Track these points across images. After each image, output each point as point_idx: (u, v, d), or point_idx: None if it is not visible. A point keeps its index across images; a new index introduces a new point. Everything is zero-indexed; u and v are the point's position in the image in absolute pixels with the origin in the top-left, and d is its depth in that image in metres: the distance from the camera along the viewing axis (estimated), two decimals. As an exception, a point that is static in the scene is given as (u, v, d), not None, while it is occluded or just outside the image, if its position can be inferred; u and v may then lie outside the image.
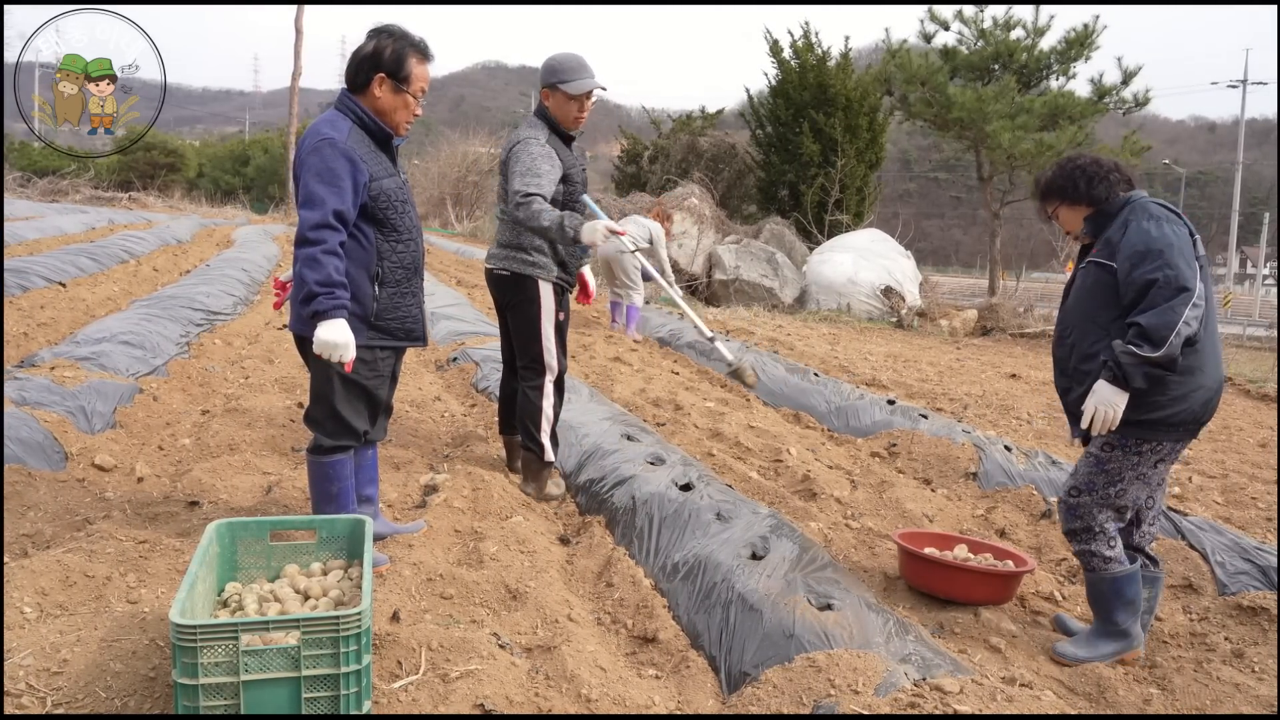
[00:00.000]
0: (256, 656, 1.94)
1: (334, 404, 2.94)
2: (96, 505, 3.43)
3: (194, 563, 2.21)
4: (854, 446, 5.51)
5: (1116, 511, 2.91)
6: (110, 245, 11.14)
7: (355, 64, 2.90)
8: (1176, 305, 2.60)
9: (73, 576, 2.64)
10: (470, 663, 2.32)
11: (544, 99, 3.92)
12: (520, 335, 4.04)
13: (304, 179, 2.76)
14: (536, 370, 4.03)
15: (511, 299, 4.01)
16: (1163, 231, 2.69)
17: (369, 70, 2.87)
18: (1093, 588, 2.95)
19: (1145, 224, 2.73)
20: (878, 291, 14.72)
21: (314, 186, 2.74)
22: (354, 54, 2.91)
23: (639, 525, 3.55)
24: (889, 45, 17.93)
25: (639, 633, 2.86)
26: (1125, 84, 16.81)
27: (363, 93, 2.89)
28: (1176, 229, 2.71)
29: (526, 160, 3.79)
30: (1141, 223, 2.74)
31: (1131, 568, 2.90)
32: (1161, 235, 2.68)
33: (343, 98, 2.92)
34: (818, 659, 2.41)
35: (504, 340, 4.25)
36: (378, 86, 2.88)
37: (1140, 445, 2.83)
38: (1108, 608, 2.92)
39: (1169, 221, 2.73)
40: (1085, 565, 2.96)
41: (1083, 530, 2.92)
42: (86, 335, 5.77)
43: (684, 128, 22.04)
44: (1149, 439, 2.82)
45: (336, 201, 2.73)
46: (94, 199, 23.64)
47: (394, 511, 3.69)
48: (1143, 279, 2.66)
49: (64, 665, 2.16)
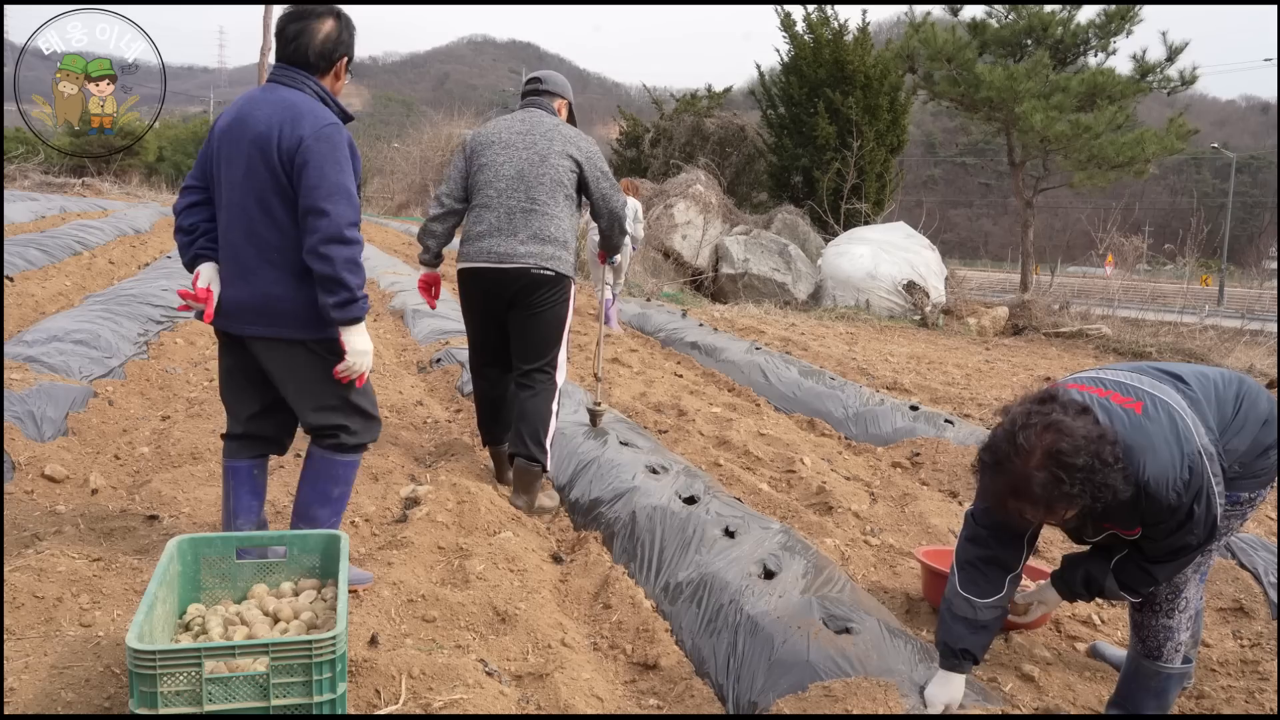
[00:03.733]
0: (221, 685, 1.94)
1: (354, 399, 2.98)
2: (46, 520, 3.43)
3: (153, 582, 2.21)
4: (873, 456, 5.52)
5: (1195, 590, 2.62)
6: (62, 235, 11.14)
7: (321, 45, 2.88)
8: (1194, 554, 2.44)
9: (20, 598, 2.64)
10: (455, 691, 2.32)
11: (559, 108, 4.27)
12: (544, 337, 4.08)
13: (321, 169, 2.73)
14: (550, 372, 4.12)
15: (542, 299, 4.01)
16: (1191, 493, 2.30)
17: (340, 53, 2.91)
18: (1137, 676, 2.66)
19: (1171, 501, 2.29)
20: (899, 287, 14.73)
21: (341, 179, 2.75)
22: (310, 32, 2.86)
23: (639, 542, 3.56)
24: (912, 18, 17.95)
25: (639, 659, 2.86)
26: (1170, 61, 16.82)
27: (324, 75, 2.92)
28: (1194, 473, 2.29)
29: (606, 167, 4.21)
30: (1168, 502, 2.29)
31: (1188, 667, 2.70)
32: (1186, 501, 2.30)
33: (301, 78, 2.88)
34: (834, 688, 2.41)
35: (490, 341, 4.21)
36: (342, 70, 2.95)
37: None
38: (1140, 705, 2.65)
39: (1176, 465, 2.29)
40: (1145, 646, 2.63)
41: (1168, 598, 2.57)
42: (36, 334, 5.77)
43: (688, 108, 22.07)
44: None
45: (356, 197, 2.81)
46: (44, 185, 23.65)
47: (372, 527, 3.69)
48: (1174, 547, 2.38)
49: (11, 694, 2.16)
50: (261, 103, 2.84)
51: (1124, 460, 2.21)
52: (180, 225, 2.95)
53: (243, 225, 2.82)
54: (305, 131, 2.74)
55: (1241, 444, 2.42)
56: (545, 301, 4.01)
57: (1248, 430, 2.44)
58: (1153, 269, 27.11)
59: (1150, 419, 2.31)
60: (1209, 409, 2.40)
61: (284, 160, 2.75)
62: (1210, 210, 37.38)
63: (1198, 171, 62.35)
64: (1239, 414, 2.44)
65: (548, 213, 3.99)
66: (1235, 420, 2.43)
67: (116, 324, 6.43)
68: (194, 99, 71.38)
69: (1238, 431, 2.42)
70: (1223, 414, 2.42)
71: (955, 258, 28.85)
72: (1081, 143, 16.23)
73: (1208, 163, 58.75)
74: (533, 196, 3.97)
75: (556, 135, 4.07)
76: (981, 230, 64.81)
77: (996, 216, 65.17)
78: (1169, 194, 57.13)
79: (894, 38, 19.44)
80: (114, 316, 6.63)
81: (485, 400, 4.32)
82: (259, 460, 3.05)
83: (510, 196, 3.98)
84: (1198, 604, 2.68)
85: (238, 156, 2.81)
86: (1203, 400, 2.41)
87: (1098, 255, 19.61)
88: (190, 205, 2.95)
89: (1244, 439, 2.43)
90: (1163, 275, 29.84)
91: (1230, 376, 2.55)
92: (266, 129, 2.77)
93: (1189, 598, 2.59)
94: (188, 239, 2.94)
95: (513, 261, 3.94)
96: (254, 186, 2.79)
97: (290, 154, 2.74)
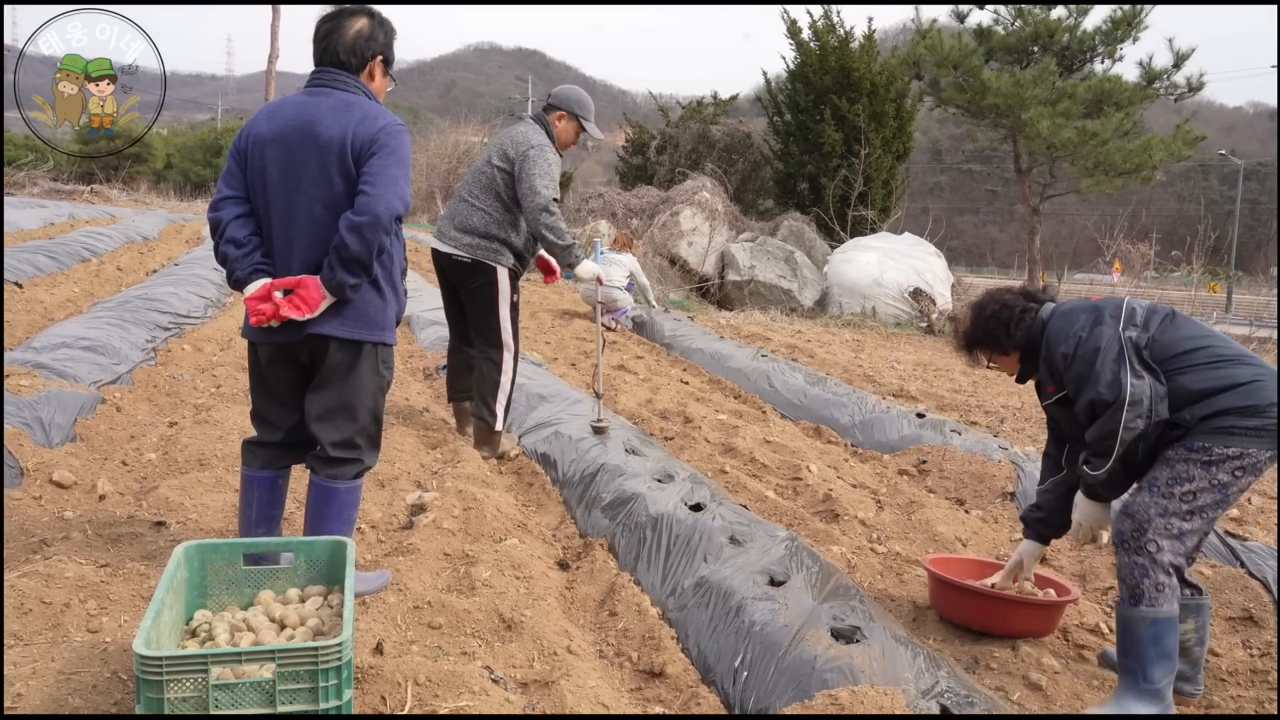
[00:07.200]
0: (228, 691, 1.95)
1: (380, 418, 3.00)
2: (54, 526, 3.44)
3: (160, 588, 2.21)
4: (880, 463, 5.51)
5: (1179, 533, 2.76)
6: (70, 242, 11.18)
7: (352, 41, 2.89)
8: (1113, 414, 2.78)
9: (28, 603, 2.64)
10: (460, 699, 2.32)
11: (556, 119, 4.81)
12: (478, 316, 4.77)
13: (386, 161, 2.75)
14: (495, 345, 4.76)
15: (469, 283, 4.72)
16: (1085, 349, 2.86)
17: (373, 50, 2.93)
18: (1127, 628, 2.77)
19: (1065, 349, 2.91)
20: (905, 294, 14.71)
21: (400, 174, 2.77)
22: (341, 30, 2.89)
23: (645, 549, 3.55)
24: (918, 25, 17.98)
25: (645, 666, 2.86)
26: (1177, 67, 16.83)
27: (358, 74, 2.92)
28: (1093, 333, 2.87)
29: (546, 167, 4.55)
30: (1061, 351, 2.92)
31: (1175, 611, 2.77)
32: (1084, 355, 2.85)
33: (343, 78, 2.88)
34: (841, 696, 2.40)
35: (451, 313, 5.00)
36: (377, 70, 2.96)
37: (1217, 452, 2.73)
38: (1142, 658, 2.72)
39: (1084, 329, 2.90)
40: (1128, 589, 2.79)
41: (1133, 534, 2.78)
42: (44, 340, 5.80)
43: (694, 115, 22.09)
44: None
45: (408, 196, 2.84)
46: (53, 192, 23.71)
47: (378, 533, 3.69)
48: (1085, 403, 2.85)
49: (18, 700, 2.16)
50: (315, 108, 2.82)
51: (1035, 315, 3.04)
52: (231, 236, 2.84)
53: (309, 232, 2.79)
54: (379, 126, 2.78)
55: (1192, 384, 2.75)
56: (472, 285, 4.71)
57: (1199, 378, 2.76)
58: (1160, 276, 27.05)
59: (1087, 305, 2.97)
60: (1165, 337, 2.82)
61: (357, 158, 2.76)
62: (1218, 217, 37.24)
63: (1205, 178, 62.22)
64: (1191, 360, 2.78)
65: (474, 203, 4.69)
66: (1185, 359, 2.79)
67: (124, 331, 6.45)
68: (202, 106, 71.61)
69: (1184, 370, 2.77)
70: (1177, 350, 2.80)
71: (962, 265, 28.82)
72: (1088, 149, 16.23)
73: (1215, 169, 58.63)
74: (472, 191, 4.73)
75: (504, 139, 4.75)
76: (988, 237, 64.71)
77: (1003, 223, 65.10)
78: (1176, 200, 57.02)
79: (900, 44, 19.49)
80: (122, 323, 6.65)
81: (450, 361, 5.14)
82: (285, 471, 3.06)
83: (461, 188, 4.81)
84: (1174, 558, 2.77)
85: (300, 164, 2.78)
86: (1161, 338, 2.82)
87: (1105, 262, 19.58)
88: (238, 216, 2.87)
89: (1194, 380, 2.76)
90: (1170, 282, 29.75)
91: (1224, 351, 2.81)
92: (340, 134, 2.77)
93: (1157, 541, 2.75)
94: (240, 251, 2.83)
95: (445, 245, 4.72)
96: (323, 194, 2.78)
97: (362, 148, 2.76)
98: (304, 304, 2.73)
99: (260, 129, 2.85)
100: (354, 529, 3.10)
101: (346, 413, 2.90)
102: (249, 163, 2.86)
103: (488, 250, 4.66)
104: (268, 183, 2.82)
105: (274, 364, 2.94)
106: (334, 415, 2.89)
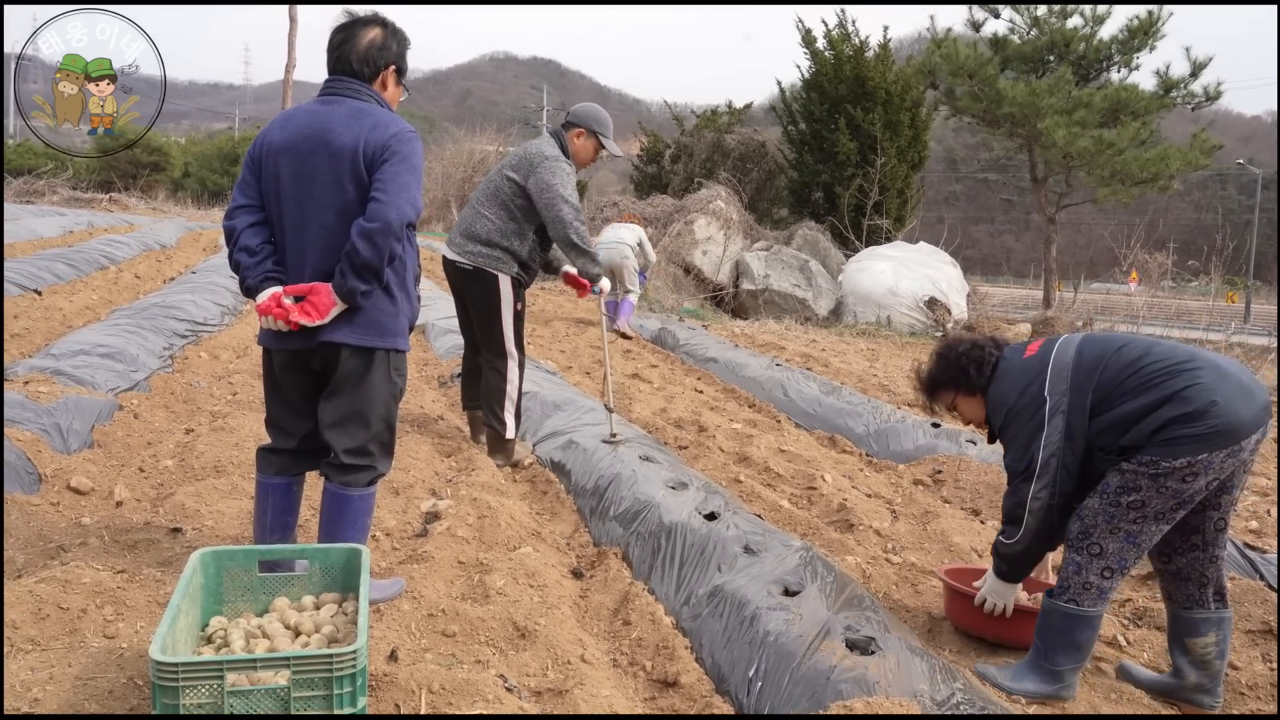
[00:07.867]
0: (243, 698, 1.95)
1: (393, 424, 3.01)
2: (72, 531, 3.46)
3: (176, 595, 2.22)
4: (895, 473, 5.49)
5: (1128, 535, 2.82)
6: (89, 250, 11.29)
7: (365, 50, 2.91)
8: (1018, 486, 2.96)
9: (45, 609, 2.66)
10: (475, 707, 2.32)
11: (575, 136, 4.90)
12: (481, 324, 4.85)
13: (399, 168, 2.76)
14: (499, 354, 4.81)
15: (472, 290, 4.81)
16: (1009, 405, 3.02)
17: (385, 59, 2.95)
18: (1045, 613, 2.93)
19: (1000, 410, 3.08)
20: (921, 303, 14.66)
21: (413, 180, 2.79)
22: (354, 39, 2.91)
23: (659, 558, 3.55)
24: (933, 34, 17.95)
25: (659, 676, 2.85)
26: (1194, 76, 16.74)
27: (371, 83, 2.94)
28: (1019, 391, 2.99)
29: (564, 177, 4.68)
30: (997, 408, 3.09)
31: (1097, 612, 2.87)
32: (1007, 416, 3.03)
33: (356, 86, 2.90)
34: (855, 707, 2.39)
35: (463, 321, 5.04)
36: (389, 79, 2.98)
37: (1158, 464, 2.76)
38: (1050, 643, 2.89)
39: (1013, 384, 3.03)
40: (1060, 581, 2.91)
41: (1078, 536, 2.86)
42: (63, 347, 5.85)
43: (709, 124, 22.12)
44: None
45: (420, 203, 2.87)
46: (72, 200, 23.96)
47: (392, 541, 3.70)
48: (1005, 465, 3.07)
49: (35, 705, 2.18)
50: (328, 116, 2.84)
51: (982, 369, 3.13)
52: (244, 244, 2.85)
53: (322, 240, 2.81)
54: (390, 133, 2.80)
55: (1133, 407, 2.78)
56: (475, 293, 4.80)
57: (1138, 401, 2.78)
58: (1178, 286, 26.82)
59: (1025, 361, 3.03)
60: (1106, 375, 2.85)
61: (369, 165, 2.78)
62: (1236, 226, 36.95)
63: (1223, 187, 61.78)
64: (1126, 385, 2.82)
65: (485, 212, 4.77)
66: (1122, 386, 2.82)
67: (142, 338, 6.50)
68: (219, 115, 72.17)
69: (1123, 397, 2.81)
70: (1118, 380, 2.83)
71: (977, 274, 28.75)
72: (1105, 159, 16.16)
73: (1233, 178, 58.21)
74: (480, 200, 4.84)
75: (519, 151, 4.88)
76: (1004, 246, 64.48)
77: (1019, 233, 64.81)
78: (1194, 210, 56.61)
79: (915, 54, 19.45)
80: (139, 330, 6.70)
81: (465, 368, 5.19)
82: (299, 478, 3.07)
83: (473, 198, 4.92)
84: (1119, 561, 2.83)
85: (313, 172, 2.80)
86: (1092, 370, 2.87)
87: (1121, 272, 19.41)
88: (252, 224, 2.88)
89: (1134, 404, 2.78)
90: (1188, 292, 29.52)
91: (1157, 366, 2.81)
92: (352, 141, 2.78)
93: (1101, 545, 2.83)
94: (253, 259, 2.84)
95: (450, 252, 4.81)
96: (336, 201, 2.79)
97: (374, 155, 2.77)
98: (314, 310, 2.75)
99: (273, 137, 2.87)
100: (368, 536, 3.11)
101: (359, 420, 2.91)
102: (263, 171, 2.88)
103: (490, 258, 4.73)
104: (281, 190, 2.84)
105: (288, 371, 2.95)
106: (347, 422, 2.90)
